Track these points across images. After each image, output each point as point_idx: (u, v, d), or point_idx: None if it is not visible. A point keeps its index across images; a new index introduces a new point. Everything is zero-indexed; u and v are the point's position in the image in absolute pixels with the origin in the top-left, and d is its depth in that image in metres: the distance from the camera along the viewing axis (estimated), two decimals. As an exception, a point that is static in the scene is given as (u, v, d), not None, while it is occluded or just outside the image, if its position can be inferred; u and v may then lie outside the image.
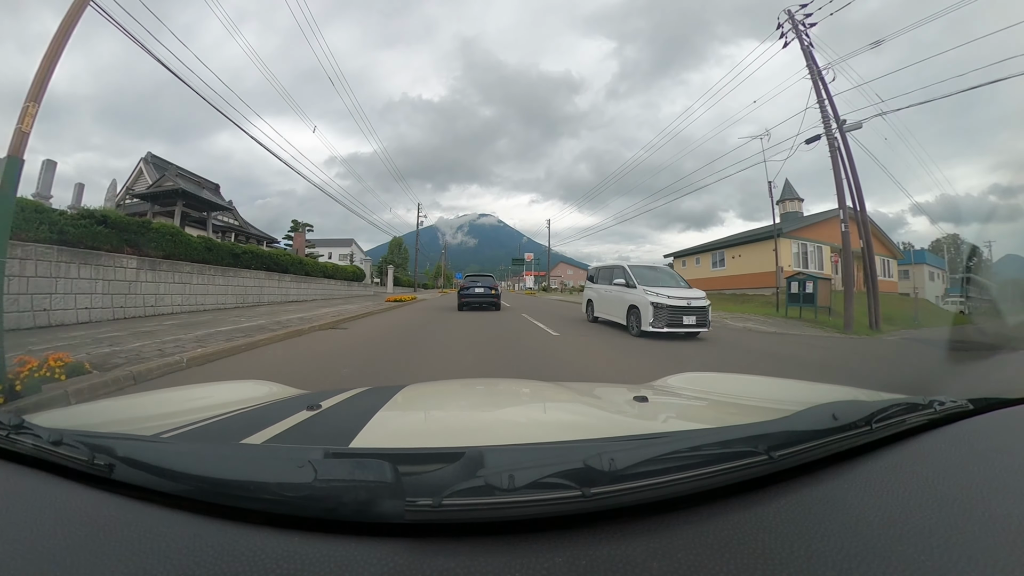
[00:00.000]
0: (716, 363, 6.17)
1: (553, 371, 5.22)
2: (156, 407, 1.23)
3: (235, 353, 5.99)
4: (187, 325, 8.23)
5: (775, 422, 0.74)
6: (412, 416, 1.18)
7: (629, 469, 0.54)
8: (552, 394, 1.48)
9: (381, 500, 0.50)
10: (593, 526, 0.53)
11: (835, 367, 6.42)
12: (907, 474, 0.71)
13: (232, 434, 0.88)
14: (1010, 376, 3.25)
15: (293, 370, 5.07)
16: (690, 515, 0.57)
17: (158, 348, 5.56)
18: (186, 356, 5.11)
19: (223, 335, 7.02)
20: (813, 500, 0.62)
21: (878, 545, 0.51)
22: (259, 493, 0.54)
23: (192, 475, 0.57)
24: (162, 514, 0.56)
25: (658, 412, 1.21)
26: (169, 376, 4.57)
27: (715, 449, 0.61)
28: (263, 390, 1.46)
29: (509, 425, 1.12)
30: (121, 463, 0.60)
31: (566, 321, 11.87)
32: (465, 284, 15.51)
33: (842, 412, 0.76)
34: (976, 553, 0.50)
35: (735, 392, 1.57)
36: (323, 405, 1.07)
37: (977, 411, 0.98)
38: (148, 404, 1.30)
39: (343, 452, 0.66)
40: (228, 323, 8.82)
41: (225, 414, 1.02)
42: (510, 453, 0.58)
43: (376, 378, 4.68)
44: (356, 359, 5.86)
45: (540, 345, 7.41)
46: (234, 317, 10.20)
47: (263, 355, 6.07)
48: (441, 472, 0.52)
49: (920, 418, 0.88)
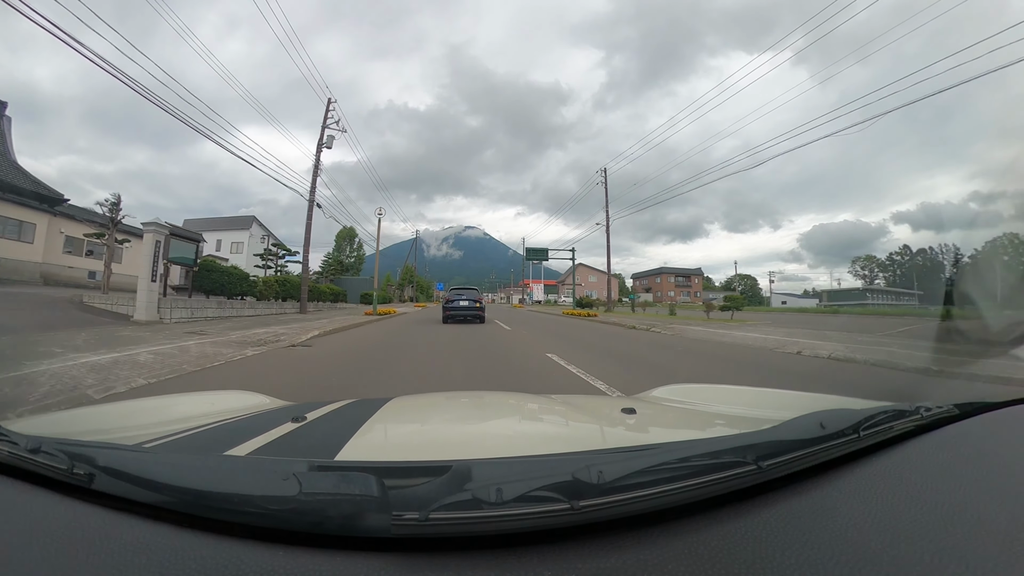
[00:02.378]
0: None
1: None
2: (138, 416, 1.21)
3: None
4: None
5: (763, 432, 0.75)
6: (399, 429, 1.17)
7: (618, 481, 0.54)
8: (539, 406, 1.48)
9: (367, 514, 0.50)
10: (582, 539, 0.53)
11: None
12: (896, 480, 0.72)
13: (216, 445, 0.87)
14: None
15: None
16: (680, 526, 0.57)
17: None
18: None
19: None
20: (803, 509, 0.63)
21: (869, 551, 0.52)
22: (243, 506, 0.53)
23: (175, 486, 0.56)
24: (144, 526, 0.55)
25: (646, 424, 1.21)
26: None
27: (704, 460, 0.62)
28: (248, 401, 1.44)
29: (496, 438, 1.12)
30: (102, 473, 0.59)
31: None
32: (450, 297, 15.50)
33: (830, 421, 0.77)
34: (966, 555, 0.51)
35: (723, 403, 1.58)
36: (308, 417, 1.06)
37: (963, 415, 1.00)
38: (130, 413, 1.27)
39: (328, 465, 0.65)
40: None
41: (209, 424, 1.00)
42: (498, 466, 0.58)
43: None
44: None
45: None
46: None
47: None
48: (428, 486, 0.52)
49: (907, 424, 0.89)
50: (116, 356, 5.35)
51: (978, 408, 1.04)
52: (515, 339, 9.79)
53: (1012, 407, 1.08)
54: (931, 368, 5.68)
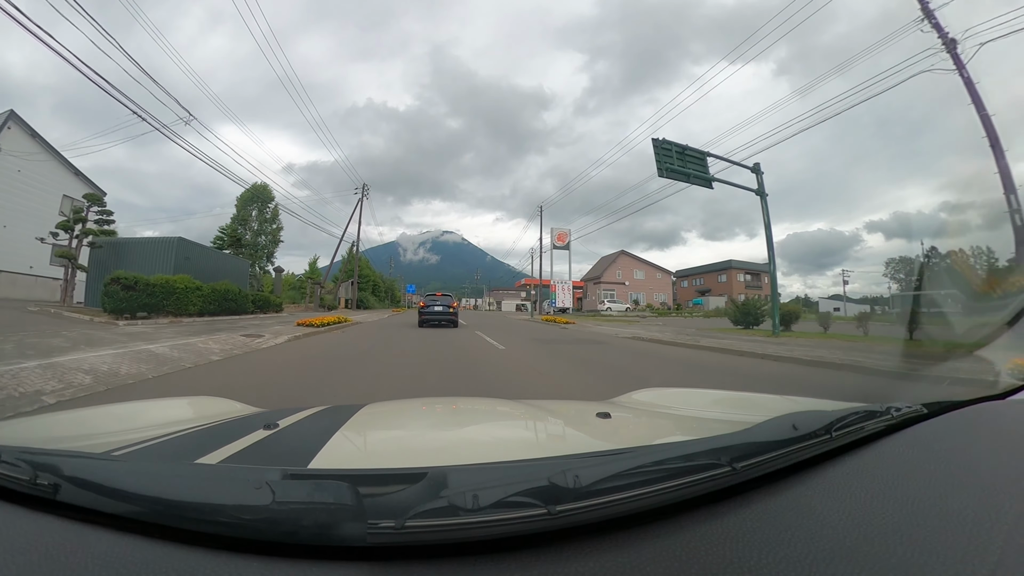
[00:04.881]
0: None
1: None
2: (105, 423, 1.17)
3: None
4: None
5: (737, 434, 0.76)
6: (373, 436, 1.16)
7: (594, 485, 0.54)
8: (515, 412, 1.48)
9: (342, 523, 0.49)
10: (560, 544, 0.53)
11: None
12: (868, 478, 0.74)
13: (187, 453, 0.85)
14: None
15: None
16: (658, 529, 0.57)
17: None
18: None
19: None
20: (778, 508, 0.64)
21: (844, 547, 0.53)
22: (216, 515, 0.52)
23: (145, 496, 0.54)
24: (112, 538, 0.53)
25: (621, 428, 1.22)
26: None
27: (679, 463, 0.62)
28: (219, 407, 1.41)
29: (472, 444, 1.12)
30: (67, 483, 0.57)
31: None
32: (426, 303, 16.22)
33: (802, 422, 0.79)
34: (936, 547, 0.53)
35: (697, 406, 1.60)
36: (280, 424, 1.04)
37: (931, 414, 1.03)
38: (97, 419, 1.23)
39: (302, 473, 0.63)
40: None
41: (180, 431, 0.97)
42: (473, 473, 0.58)
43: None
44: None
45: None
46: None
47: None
48: (403, 493, 0.52)
49: (878, 424, 0.92)
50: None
51: (945, 407, 1.08)
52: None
53: (977, 405, 1.14)
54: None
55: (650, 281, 58.87)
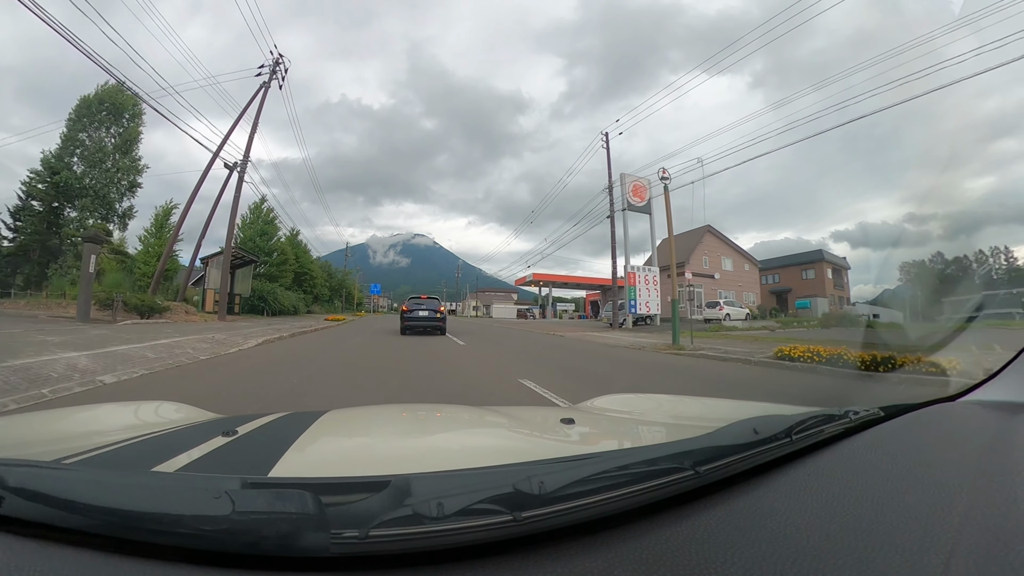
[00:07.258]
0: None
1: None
2: (55, 428, 1.12)
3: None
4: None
5: (699, 438, 0.77)
6: (335, 443, 1.14)
7: (559, 491, 0.54)
8: (479, 418, 1.48)
9: (304, 533, 0.48)
10: (527, 550, 0.53)
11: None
12: (828, 479, 0.76)
13: (143, 460, 0.81)
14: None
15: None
16: (623, 533, 0.57)
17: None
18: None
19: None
20: (741, 510, 0.66)
21: (807, 546, 0.54)
22: (174, 526, 0.49)
23: (99, 507, 0.51)
24: (64, 554, 0.50)
25: (585, 433, 1.23)
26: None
27: (643, 467, 0.63)
28: (175, 412, 1.36)
29: (436, 451, 1.11)
30: (12, 494, 0.52)
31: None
32: (409, 308, 14.54)
33: (763, 426, 0.81)
34: (895, 541, 0.55)
35: (660, 411, 1.63)
36: (239, 431, 1.01)
37: (888, 417, 1.07)
38: (46, 425, 1.17)
39: (262, 482, 0.62)
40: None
41: (135, 438, 0.94)
42: (438, 480, 0.57)
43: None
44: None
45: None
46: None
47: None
48: (367, 502, 0.51)
49: (837, 427, 0.95)
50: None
51: (901, 409, 1.13)
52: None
53: (930, 407, 1.20)
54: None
55: (738, 274, 39.59)
